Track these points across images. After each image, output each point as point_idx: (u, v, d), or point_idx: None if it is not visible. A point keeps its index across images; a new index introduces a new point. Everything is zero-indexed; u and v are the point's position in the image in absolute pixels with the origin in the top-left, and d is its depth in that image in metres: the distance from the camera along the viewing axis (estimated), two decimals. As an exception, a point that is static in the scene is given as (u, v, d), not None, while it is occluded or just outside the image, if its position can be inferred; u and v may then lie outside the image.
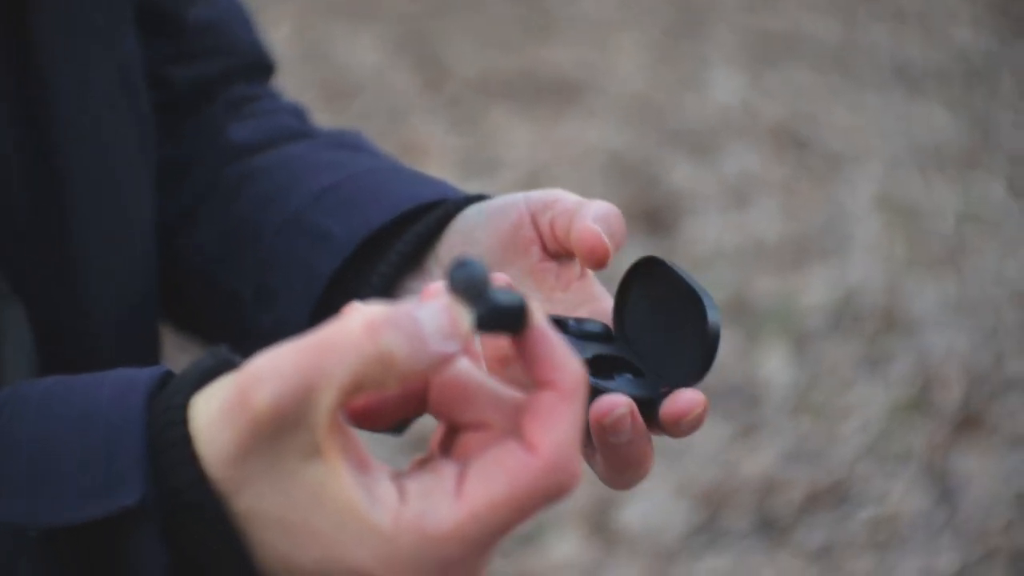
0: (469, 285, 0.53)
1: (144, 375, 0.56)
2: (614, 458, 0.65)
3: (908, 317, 2.37)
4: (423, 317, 0.53)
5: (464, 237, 0.74)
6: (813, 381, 2.25)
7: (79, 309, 0.75)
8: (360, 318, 0.52)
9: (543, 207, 0.72)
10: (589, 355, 0.68)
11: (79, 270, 0.75)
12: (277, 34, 3.04)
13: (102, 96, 0.77)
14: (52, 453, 0.55)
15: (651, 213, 2.65)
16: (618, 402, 0.64)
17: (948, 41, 3.18)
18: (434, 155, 2.83)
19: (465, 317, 0.53)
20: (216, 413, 0.53)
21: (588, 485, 2.06)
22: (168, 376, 0.57)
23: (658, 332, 0.69)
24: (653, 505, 2.05)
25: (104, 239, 0.77)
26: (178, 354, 2.28)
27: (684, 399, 0.65)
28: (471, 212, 0.75)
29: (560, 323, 0.69)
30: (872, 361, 2.28)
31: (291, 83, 2.86)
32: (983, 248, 2.54)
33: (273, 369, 0.52)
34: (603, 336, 0.70)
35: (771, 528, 2.01)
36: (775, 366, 2.27)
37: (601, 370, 0.68)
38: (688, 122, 2.95)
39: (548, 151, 2.85)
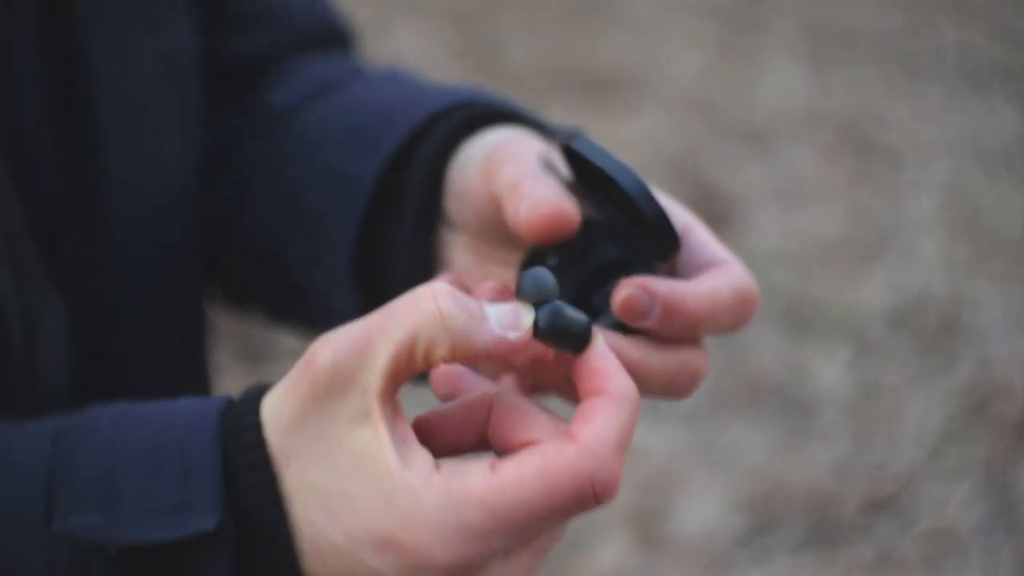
0: (538, 293, 0.56)
1: (214, 401, 0.57)
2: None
3: (970, 323, 2.31)
4: (487, 306, 0.55)
5: (453, 195, 0.71)
6: (870, 388, 2.20)
7: (117, 298, 0.75)
8: (427, 286, 0.54)
9: (492, 180, 0.68)
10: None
11: (118, 259, 0.74)
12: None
13: (143, 83, 0.76)
14: (126, 471, 0.56)
15: (706, 213, 2.60)
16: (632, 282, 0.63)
17: (1017, 36, 3.12)
18: (486, 151, 2.80)
19: (528, 315, 0.55)
20: (281, 387, 0.56)
21: (637, 492, 2.03)
22: (231, 403, 0.58)
23: (616, 221, 0.66)
24: (702, 513, 2.01)
25: (144, 228, 0.76)
26: (227, 358, 2.26)
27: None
28: (459, 164, 0.71)
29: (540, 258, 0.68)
30: (932, 368, 2.22)
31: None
32: (1049, 252, 2.48)
33: (340, 331, 0.54)
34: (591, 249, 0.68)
35: (824, 539, 1.97)
36: (832, 372, 2.22)
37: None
38: (745, 119, 2.91)
39: (602, 148, 2.82)
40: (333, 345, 0.54)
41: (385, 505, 0.54)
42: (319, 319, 0.79)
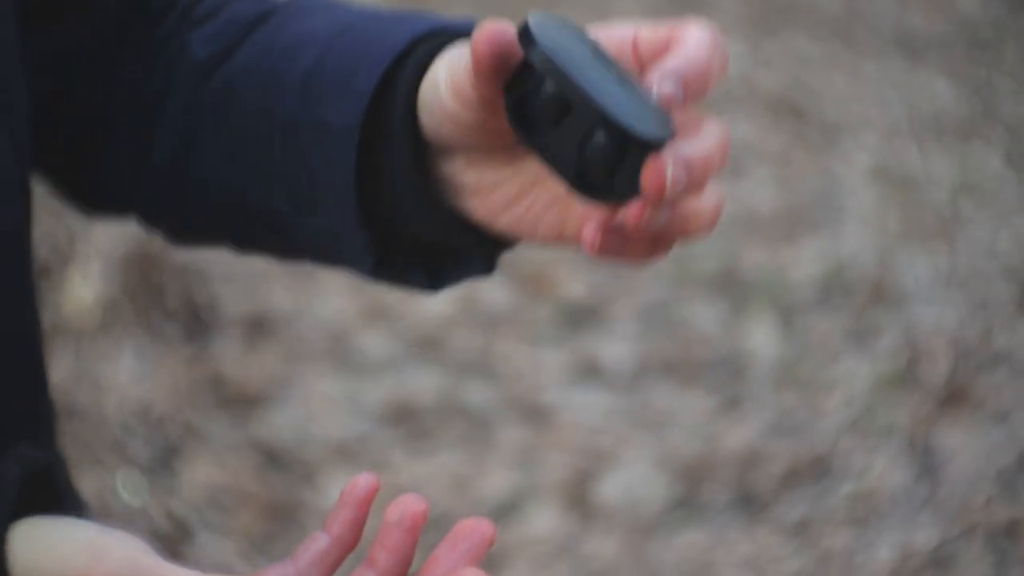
0: None
1: None
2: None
3: (898, 290, 2.34)
4: None
5: (431, 118, 0.68)
6: (799, 354, 2.23)
7: None
8: None
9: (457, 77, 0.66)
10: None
11: None
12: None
13: None
14: None
15: (644, 183, 2.63)
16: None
17: (952, 10, 3.14)
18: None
19: None
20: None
21: (568, 458, 2.05)
22: None
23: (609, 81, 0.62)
24: (633, 478, 2.04)
25: None
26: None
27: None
28: (428, 86, 0.68)
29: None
30: (860, 334, 2.26)
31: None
32: (977, 220, 2.51)
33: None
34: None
35: (750, 503, 2.00)
36: (761, 338, 2.25)
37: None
38: (685, 91, 2.92)
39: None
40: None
41: None
42: (322, 253, 0.76)
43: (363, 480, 0.62)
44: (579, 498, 2.01)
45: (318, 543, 0.62)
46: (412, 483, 1.97)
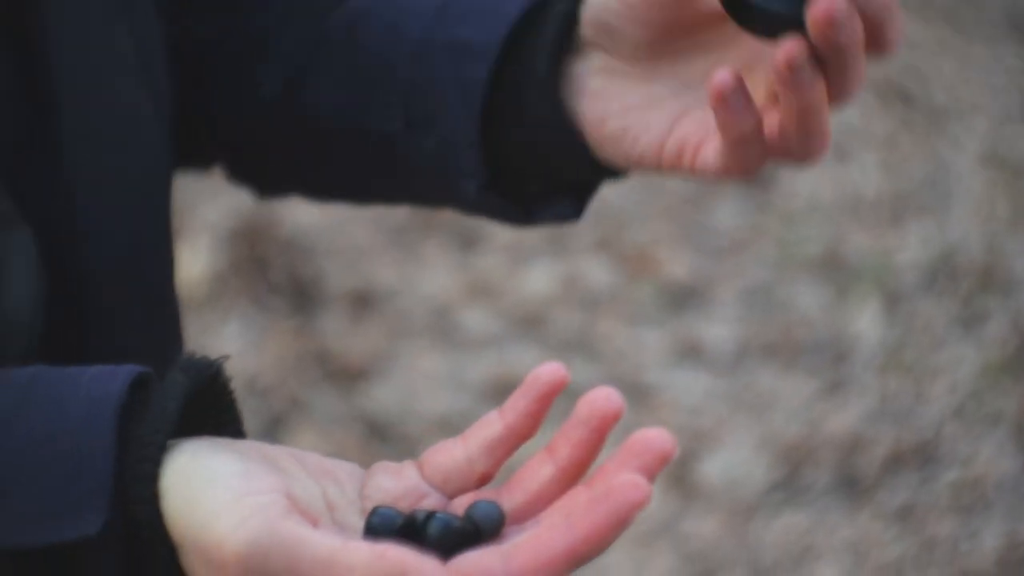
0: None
1: (116, 388, 0.54)
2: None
3: (1006, 277, 2.31)
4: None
5: (599, 28, 0.71)
6: (904, 339, 2.21)
7: (76, 236, 0.71)
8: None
9: None
10: None
11: (75, 195, 0.70)
12: None
13: (96, 15, 0.72)
14: (16, 465, 0.54)
15: (748, 165, 2.61)
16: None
17: (1066, -6, 3.09)
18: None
19: None
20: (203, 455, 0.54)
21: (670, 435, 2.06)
22: (144, 380, 0.55)
23: None
24: (734, 459, 2.03)
25: (98, 162, 0.72)
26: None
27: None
28: None
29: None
30: (966, 320, 2.23)
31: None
32: (1089, 208, 2.47)
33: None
34: None
35: (852, 487, 1.99)
36: (866, 323, 2.24)
37: None
38: (791, 73, 2.90)
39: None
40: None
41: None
42: (427, 177, 0.77)
43: (548, 370, 0.58)
44: (680, 478, 2.01)
45: (491, 428, 0.59)
46: (512, 458, 1.99)
